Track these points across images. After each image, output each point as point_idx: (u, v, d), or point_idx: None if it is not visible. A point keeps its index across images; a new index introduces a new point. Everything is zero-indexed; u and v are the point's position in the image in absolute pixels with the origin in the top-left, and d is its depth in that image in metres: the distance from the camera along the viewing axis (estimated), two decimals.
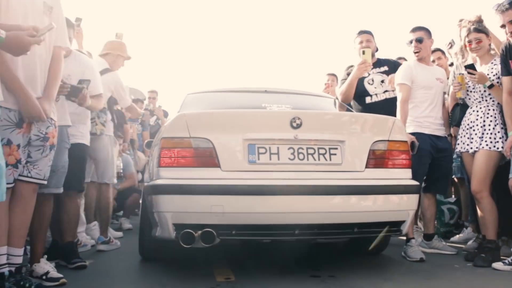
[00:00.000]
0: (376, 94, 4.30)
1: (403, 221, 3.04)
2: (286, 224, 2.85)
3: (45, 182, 2.63)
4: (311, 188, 2.81)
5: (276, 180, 2.83)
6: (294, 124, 2.91)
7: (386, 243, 3.76)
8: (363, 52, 4.14)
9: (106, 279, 3.08)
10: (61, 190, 2.97)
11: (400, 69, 3.97)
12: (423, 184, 3.86)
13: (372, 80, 4.32)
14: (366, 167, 2.99)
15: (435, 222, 4.30)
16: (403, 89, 3.83)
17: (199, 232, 2.72)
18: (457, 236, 4.66)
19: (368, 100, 4.32)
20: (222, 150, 2.87)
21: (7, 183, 2.34)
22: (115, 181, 4.69)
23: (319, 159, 2.93)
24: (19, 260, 2.53)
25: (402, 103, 3.80)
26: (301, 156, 2.91)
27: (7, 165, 2.34)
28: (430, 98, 3.86)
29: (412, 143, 3.49)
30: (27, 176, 2.52)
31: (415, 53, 3.93)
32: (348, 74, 4.37)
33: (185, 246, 2.74)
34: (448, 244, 4.10)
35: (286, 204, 2.79)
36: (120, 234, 4.93)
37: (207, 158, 2.87)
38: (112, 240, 4.20)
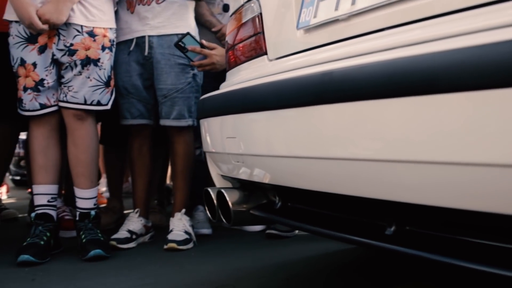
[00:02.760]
0: None
1: None
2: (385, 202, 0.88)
3: (89, 107, 1.97)
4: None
5: (358, 60, 0.87)
6: None
7: None
8: None
9: None
10: (179, 123, 2.19)
11: None
12: None
13: None
14: None
15: None
16: None
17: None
18: None
19: None
20: (269, 16, 1.26)
21: (31, 110, 1.95)
22: None
23: None
24: (82, 204, 2.03)
25: None
26: None
27: (25, 89, 1.92)
28: None
29: None
30: (63, 101, 1.97)
31: None
32: None
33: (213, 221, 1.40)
34: None
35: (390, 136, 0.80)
36: None
37: (252, 39, 1.34)
38: None
